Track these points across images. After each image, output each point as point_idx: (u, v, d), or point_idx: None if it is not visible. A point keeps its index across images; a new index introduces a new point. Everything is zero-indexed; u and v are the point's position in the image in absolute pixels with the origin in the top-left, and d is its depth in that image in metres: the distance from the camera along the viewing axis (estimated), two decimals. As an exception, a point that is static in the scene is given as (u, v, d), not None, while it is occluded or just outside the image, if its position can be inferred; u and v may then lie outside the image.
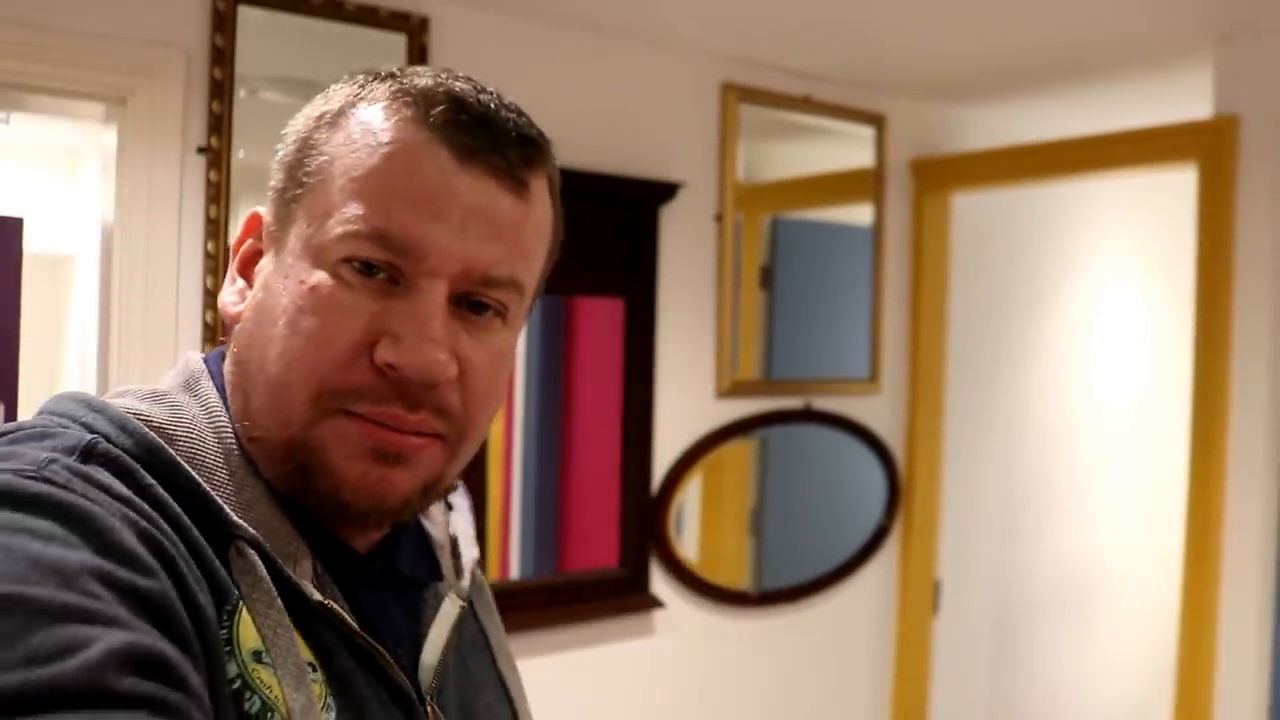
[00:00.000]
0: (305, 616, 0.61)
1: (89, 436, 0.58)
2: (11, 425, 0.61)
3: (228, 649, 0.56)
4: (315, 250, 0.62)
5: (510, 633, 0.82)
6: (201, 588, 0.56)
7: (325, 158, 0.63)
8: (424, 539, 0.75)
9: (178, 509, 0.58)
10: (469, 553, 0.78)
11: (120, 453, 0.58)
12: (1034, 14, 2.10)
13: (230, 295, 0.68)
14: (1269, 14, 2.06)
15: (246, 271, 0.68)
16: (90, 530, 0.51)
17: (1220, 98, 2.21)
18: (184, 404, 0.64)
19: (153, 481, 0.58)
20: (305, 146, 0.65)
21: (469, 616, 0.76)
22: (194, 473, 0.60)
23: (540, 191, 0.66)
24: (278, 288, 0.63)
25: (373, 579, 0.68)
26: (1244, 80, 2.17)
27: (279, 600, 0.59)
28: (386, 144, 0.62)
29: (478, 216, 0.62)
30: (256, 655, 0.57)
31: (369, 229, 0.61)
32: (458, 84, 0.64)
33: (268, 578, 0.60)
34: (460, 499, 0.82)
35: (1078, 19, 2.12)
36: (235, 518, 0.60)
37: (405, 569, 0.70)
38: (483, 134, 0.63)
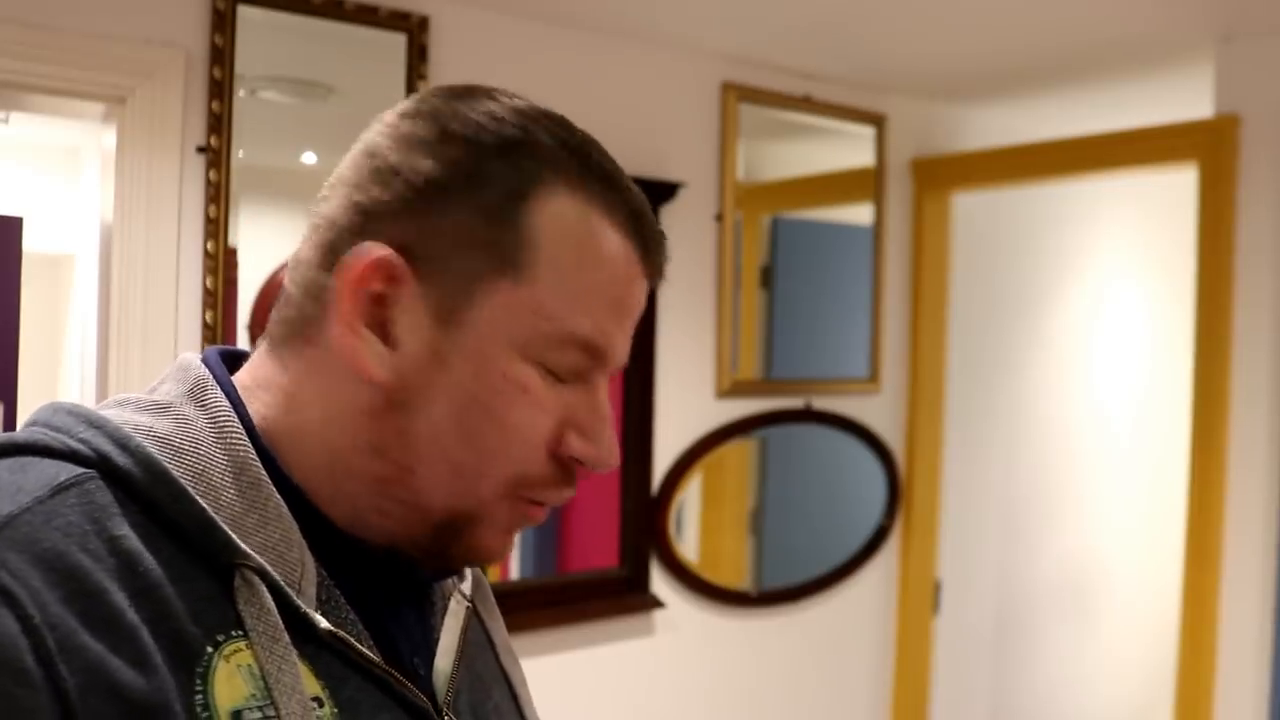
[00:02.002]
0: (314, 644, 0.59)
1: (70, 472, 0.56)
2: (4, 440, 0.58)
3: (205, 715, 0.53)
4: (523, 344, 0.62)
5: (511, 633, 0.82)
6: (157, 663, 0.53)
7: (533, 242, 0.62)
8: None
9: (150, 562, 0.55)
10: None
11: (99, 490, 0.56)
12: (1034, 14, 2.10)
13: (373, 357, 0.62)
14: (1269, 14, 2.06)
15: (374, 321, 0.62)
16: None
17: (1221, 97, 2.20)
18: (190, 416, 0.61)
19: (125, 531, 0.55)
20: (494, 216, 0.61)
21: (472, 616, 0.75)
22: (199, 497, 0.58)
23: None
24: (467, 368, 0.62)
25: (385, 583, 0.66)
26: (1244, 80, 2.17)
27: (286, 635, 0.57)
28: (606, 259, 0.64)
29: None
30: (236, 715, 0.54)
31: (586, 342, 0.63)
32: (635, 190, 0.66)
33: (274, 610, 0.57)
34: None
35: (1078, 19, 2.12)
36: (242, 545, 0.58)
37: (425, 569, 0.70)
38: (661, 251, 0.68)
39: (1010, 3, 2.04)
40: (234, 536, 0.58)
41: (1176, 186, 2.58)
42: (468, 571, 0.75)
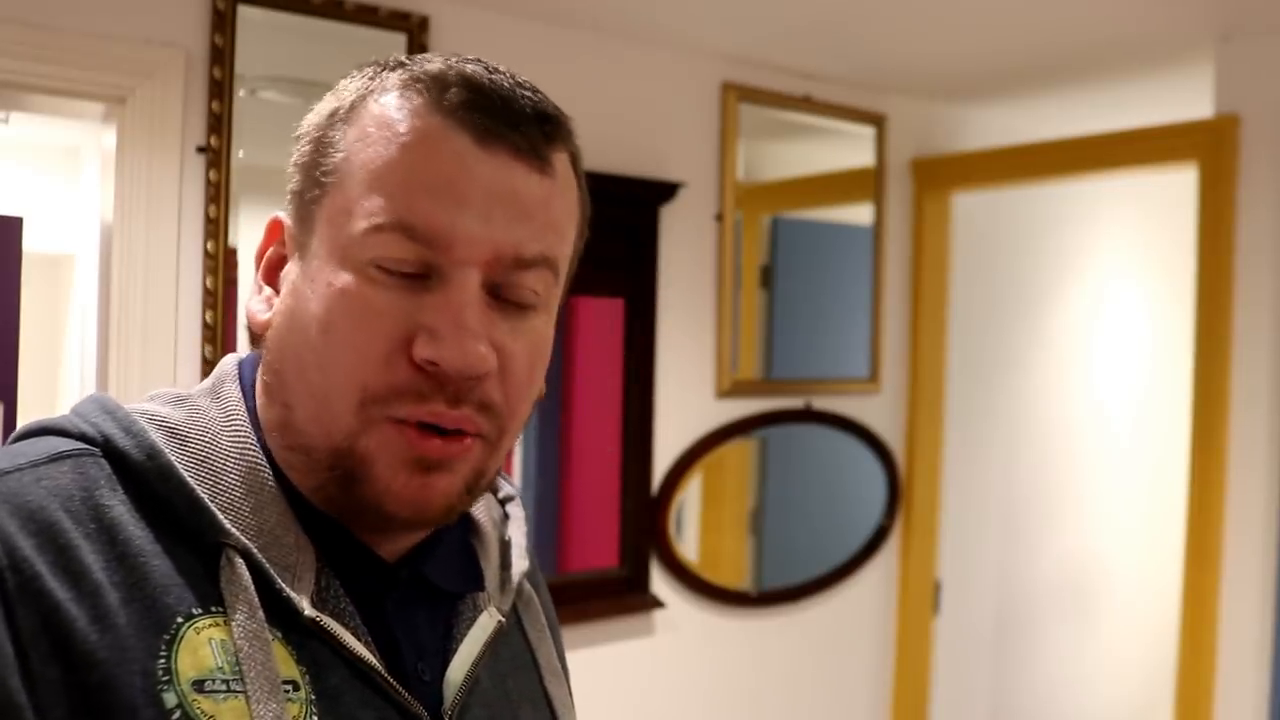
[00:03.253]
0: (299, 631, 0.60)
1: (71, 446, 0.60)
2: (32, 423, 0.63)
3: (165, 679, 0.54)
4: (341, 251, 0.61)
5: (510, 633, 0.80)
6: (120, 622, 0.54)
7: (341, 155, 0.62)
8: (467, 548, 0.72)
9: (132, 531, 0.57)
10: (519, 564, 0.75)
11: (94, 465, 0.59)
12: (1034, 14, 2.10)
13: (258, 304, 0.66)
14: (1269, 14, 2.06)
15: (272, 278, 0.67)
16: None
17: (1221, 97, 2.20)
18: (204, 406, 0.64)
19: (111, 501, 0.58)
20: (320, 145, 0.64)
21: (513, 632, 0.74)
22: (190, 478, 0.60)
23: (564, 167, 0.65)
24: (306, 293, 0.62)
25: (403, 589, 0.66)
26: (1244, 80, 2.17)
27: (260, 612, 0.58)
28: (402, 134, 0.60)
29: (503, 199, 0.60)
30: (198, 684, 0.55)
31: (393, 222, 0.59)
32: (469, 66, 0.62)
33: (252, 588, 0.58)
34: (516, 508, 0.80)
35: (1078, 19, 2.12)
36: (226, 525, 0.59)
37: (436, 578, 0.68)
38: (499, 114, 0.61)
39: (1010, 3, 2.04)
40: (219, 516, 0.59)
41: (1176, 186, 2.58)
42: (513, 583, 0.73)
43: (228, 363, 0.69)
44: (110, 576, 0.55)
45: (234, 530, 0.59)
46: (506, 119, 0.61)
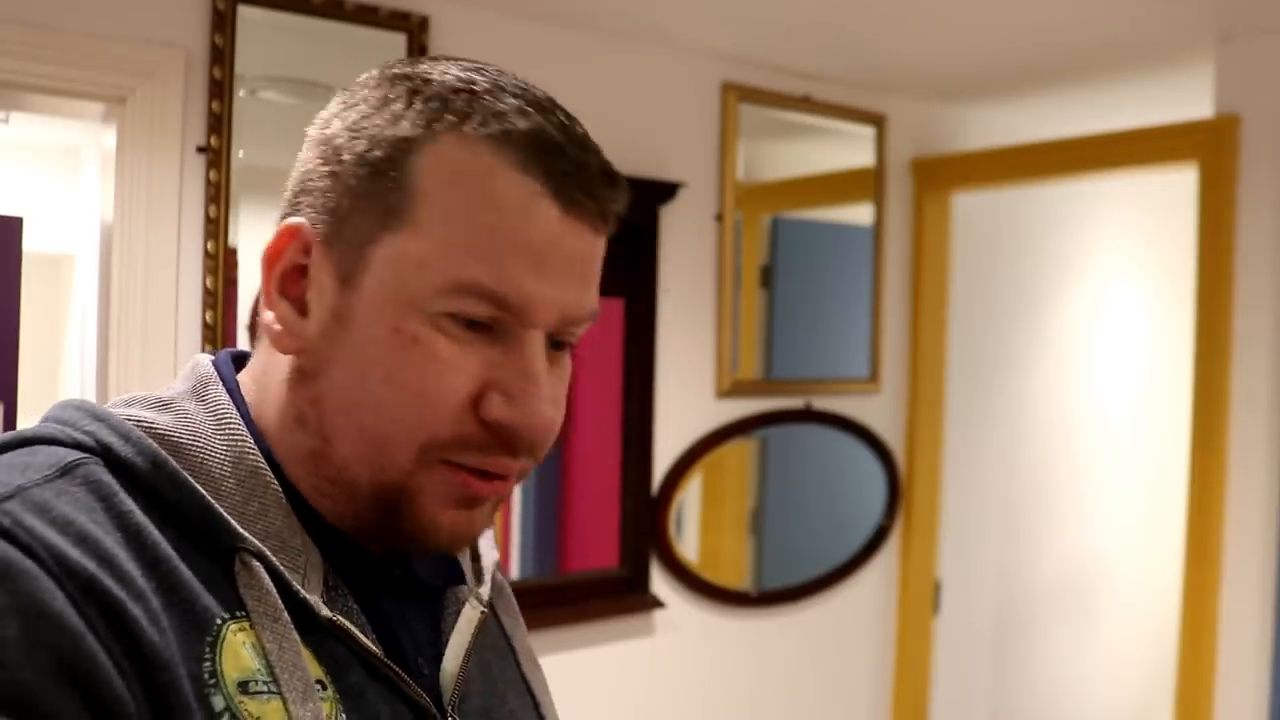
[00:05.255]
0: (316, 631, 0.60)
1: (75, 455, 0.58)
2: (11, 434, 0.60)
3: (212, 682, 0.54)
4: (410, 299, 0.59)
5: (511, 633, 0.81)
6: (165, 625, 0.54)
7: (420, 193, 0.59)
8: None
9: (157, 536, 0.56)
10: (489, 555, 0.76)
11: (104, 473, 0.57)
12: (1034, 14, 2.10)
13: (283, 322, 0.63)
14: (1269, 14, 2.06)
15: (289, 292, 0.63)
16: (15, 589, 0.50)
17: (1221, 97, 2.20)
18: (191, 411, 0.63)
19: (131, 508, 0.56)
20: (385, 168, 0.60)
21: (491, 621, 0.75)
22: (198, 485, 0.59)
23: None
24: (364, 331, 0.60)
25: (393, 585, 0.67)
26: (1245, 80, 2.17)
27: (285, 614, 0.58)
28: (497, 196, 0.59)
29: (575, 265, 0.61)
30: (243, 685, 0.55)
31: (479, 287, 0.58)
32: (552, 121, 0.61)
33: (274, 591, 0.58)
34: None
35: (1078, 19, 2.11)
36: (240, 529, 0.59)
37: (424, 573, 0.69)
38: (584, 182, 0.61)
39: (1010, 3, 2.04)
40: (233, 521, 0.59)
41: (1177, 186, 2.58)
42: (486, 576, 0.74)
43: (203, 364, 0.66)
44: (148, 583, 0.55)
45: (247, 534, 0.59)
46: (590, 189, 0.61)
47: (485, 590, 0.73)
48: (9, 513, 0.52)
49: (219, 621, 0.56)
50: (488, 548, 0.77)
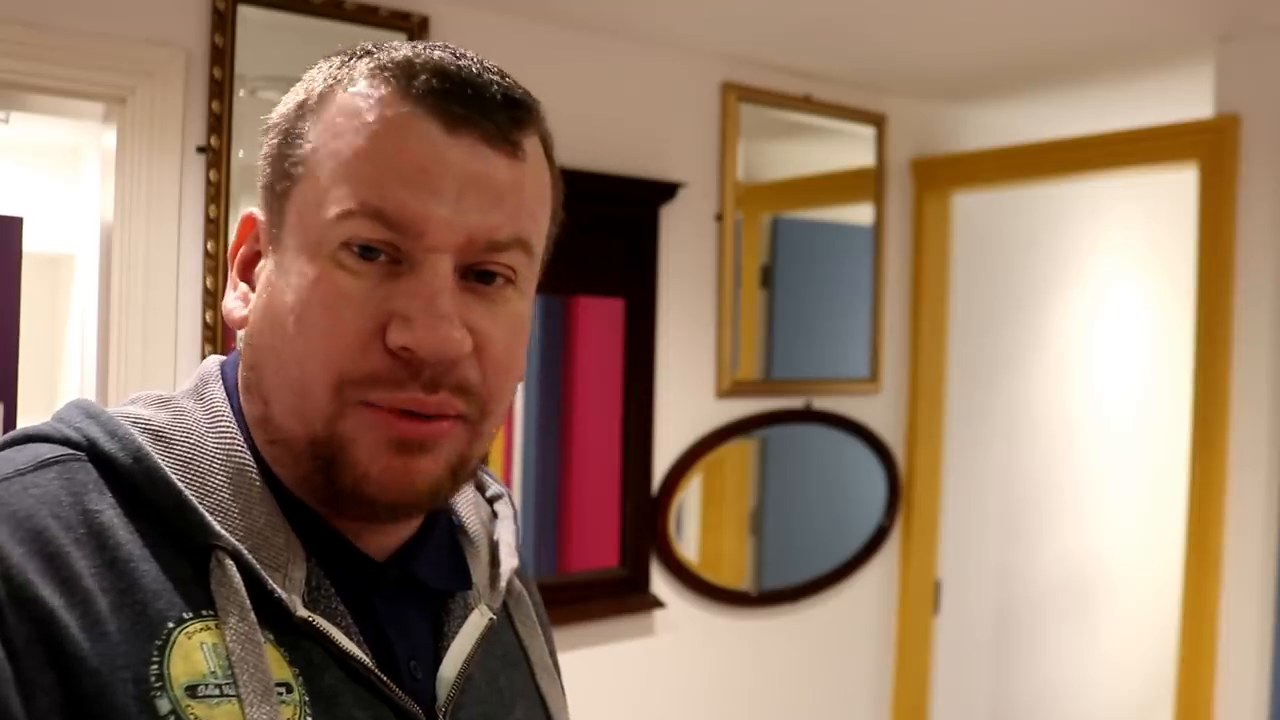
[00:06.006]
0: (291, 632, 0.60)
1: (58, 451, 0.59)
2: (14, 433, 0.62)
3: (158, 685, 0.54)
4: (312, 241, 0.61)
5: (510, 632, 0.81)
6: (111, 629, 0.54)
7: (310, 145, 0.62)
8: (455, 547, 0.72)
9: (122, 536, 0.57)
10: (508, 562, 0.75)
11: (82, 469, 0.59)
12: (1034, 14, 2.10)
13: (233, 301, 0.66)
14: (1269, 14, 2.06)
15: (247, 275, 0.67)
16: None
17: (1221, 97, 2.20)
18: (188, 408, 0.64)
19: (100, 506, 0.57)
20: (289, 137, 0.63)
21: (504, 629, 0.74)
22: (176, 479, 0.59)
23: (535, 151, 0.65)
24: (281, 286, 0.62)
25: (392, 587, 0.66)
26: (1245, 80, 2.17)
27: (252, 614, 0.58)
28: (371, 122, 0.60)
29: (474, 184, 0.60)
30: (191, 689, 0.55)
31: (362, 208, 0.59)
32: (436, 53, 0.62)
33: (243, 589, 0.58)
34: (504, 506, 0.80)
35: (1078, 19, 2.12)
36: (216, 526, 0.59)
37: (425, 576, 0.68)
38: (468, 100, 0.61)
39: (1010, 3, 2.04)
40: (208, 517, 0.59)
41: (1177, 186, 2.58)
42: (501, 583, 0.73)
43: (210, 364, 0.68)
44: (100, 583, 0.55)
45: (223, 532, 0.59)
46: (476, 105, 0.61)
47: (497, 598, 0.72)
48: None
49: (170, 625, 0.56)
50: (507, 554, 0.75)
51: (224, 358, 0.69)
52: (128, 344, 1.72)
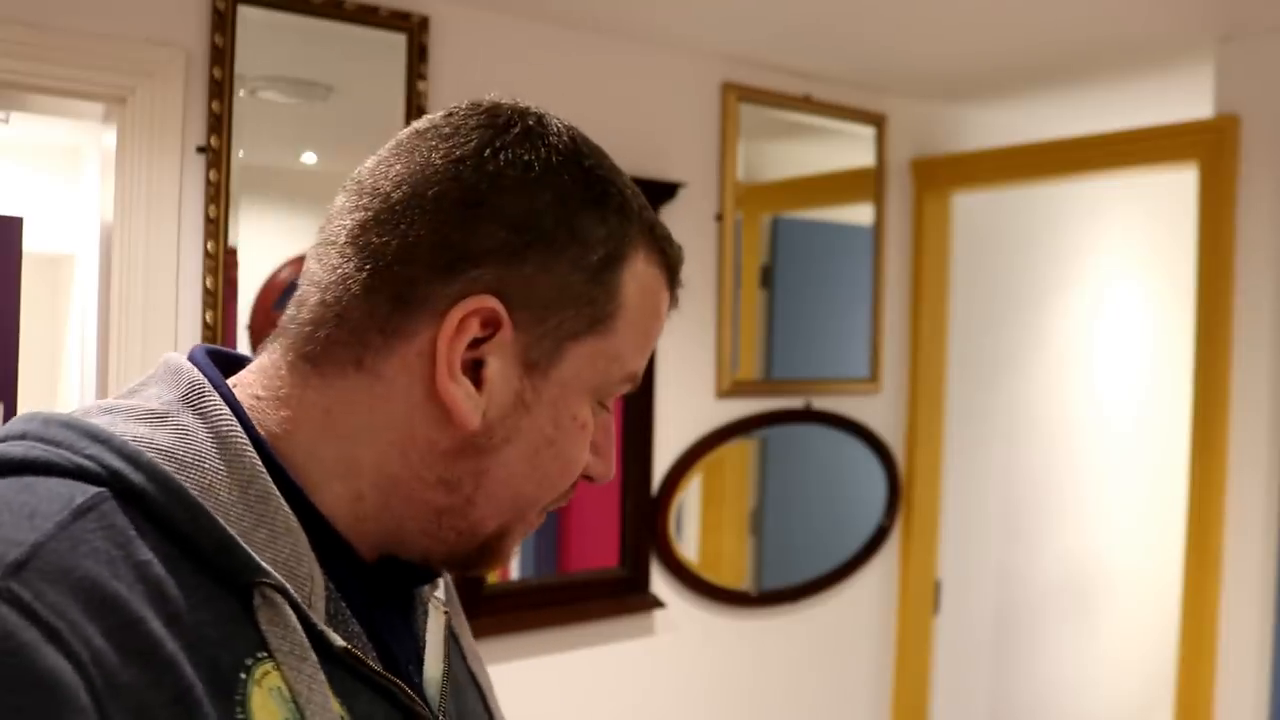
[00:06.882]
0: (329, 661, 0.58)
1: (86, 492, 0.53)
2: (10, 460, 0.54)
3: None
4: (594, 388, 0.66)
5: (510, 633, 0.82)
6: (199, 696, 0.51)
7: (621, 305, 0.66)
8: None
9: (174, 589, 0.53)
10: None
11: (116, 511, 0.53)
12: (1034, 14, 2.10)
13: (469, 403, 0.62)
14: (1270, 14, 2.06)
15: (465, 369, 0.62)
16: (51, 703, 0.46)
17: (1221, 98, 2.20)
18: (189, 426, 0.58)
19: (149, 556, 0.52)
20: (600, 283, 0.65)
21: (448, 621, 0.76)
22: (216, 515, 0.56)
23: None
24: (545, 413, 0.65)
25: (380, 592, 0.66)
26: (1245, 80, 2.17)
27: (312, 654, 0.56)
28: (659, 306, 0.69)
29: None
30: None
31: (637, 376, 0.69)
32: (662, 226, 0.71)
33: (300, 629, 0.56)
34: None
35: (1078, 19, 2.12)
36: (262, 563, 0.56)
37: (409, 580, 0.70)
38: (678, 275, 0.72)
39: (1010, 3, 2.04)
40: (253, 554, 0.56)
41: (1177, 186, 2.58)
42: (435, 579, 0.74)
43: (183, 367, 0.62)
44: (173, 644, 0.51)
45: (269, 568, 0.56)
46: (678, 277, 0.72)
47: (441, 591, 0.74)
48: (30, 585, 0.48)
49: (242, 675, 0.54)
50: None
51: (189, 355, 0.64)
52: (128, 344, 1.72)
